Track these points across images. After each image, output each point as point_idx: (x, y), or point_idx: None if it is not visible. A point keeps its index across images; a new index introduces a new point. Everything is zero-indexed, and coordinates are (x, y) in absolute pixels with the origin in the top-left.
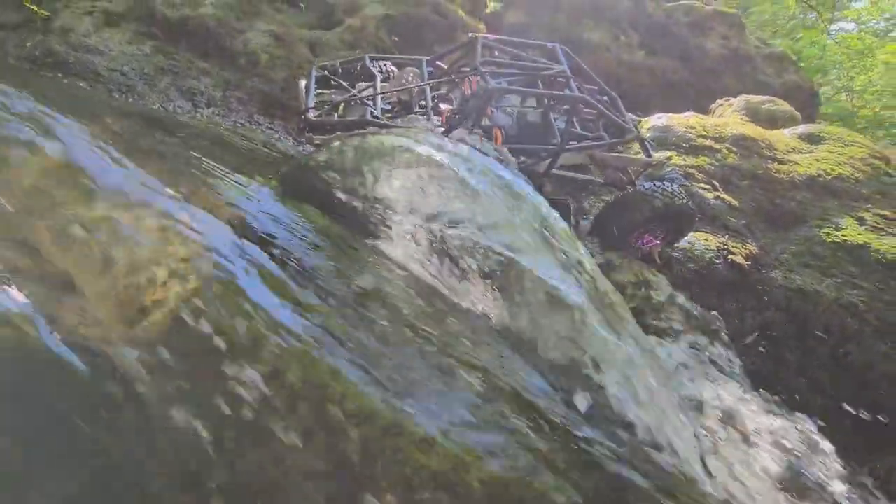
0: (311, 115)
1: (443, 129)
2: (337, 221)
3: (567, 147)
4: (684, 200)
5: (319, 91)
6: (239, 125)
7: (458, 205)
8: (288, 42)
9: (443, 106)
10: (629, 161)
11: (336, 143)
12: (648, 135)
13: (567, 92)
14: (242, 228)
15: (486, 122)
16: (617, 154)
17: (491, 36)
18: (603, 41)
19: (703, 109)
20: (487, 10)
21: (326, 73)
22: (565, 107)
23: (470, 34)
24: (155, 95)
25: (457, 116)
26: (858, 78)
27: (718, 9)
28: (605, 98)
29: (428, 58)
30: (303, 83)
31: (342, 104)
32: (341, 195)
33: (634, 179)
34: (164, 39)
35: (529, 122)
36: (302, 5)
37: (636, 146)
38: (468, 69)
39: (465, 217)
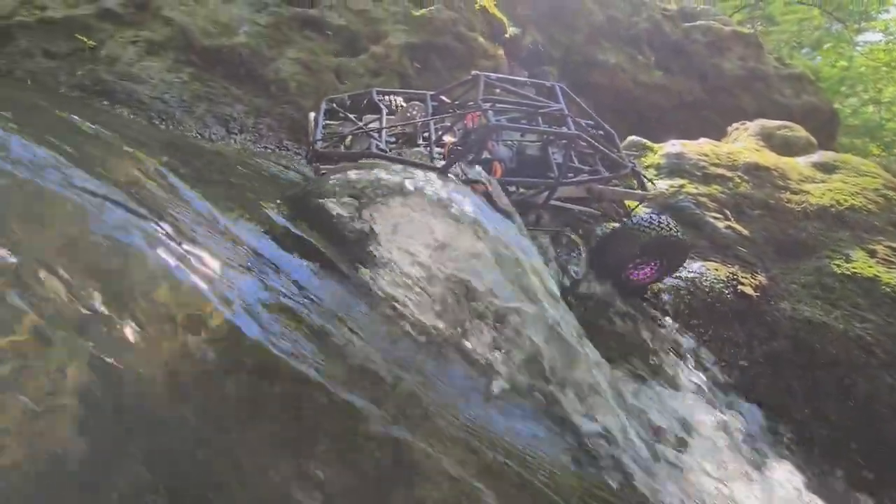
0: (319, 146)
1: (444, 161)
2: (331, 244)
3: (564, 181)
4: (677, 232)
5: (328, 123)
6: (269, 150)
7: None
8: (315, 70)
9: (446, 138)
10: (625, 194)
11: (338, 175)
12: (662, 161)
13: (564, 129)
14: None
15: (486, 155)
16: (613, 187)
17: (493, 74)
18: (619, 61)
19: (720, 130)
20: (507, 35)
21: (335, 106)
22: (563, 141)
23: (473, 72)
24: (192, 122)
25: (458, 149)
26: (886, 90)
27: (737, 29)
28: (601, 133)
29: (432, 92)
30: (312, 115)
31: (349, 136)
32: (335, 221)
33: (630, 212)
34: (200, 67)
35: (529, 155)
36: (329, 33)
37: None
38: (471, 104)
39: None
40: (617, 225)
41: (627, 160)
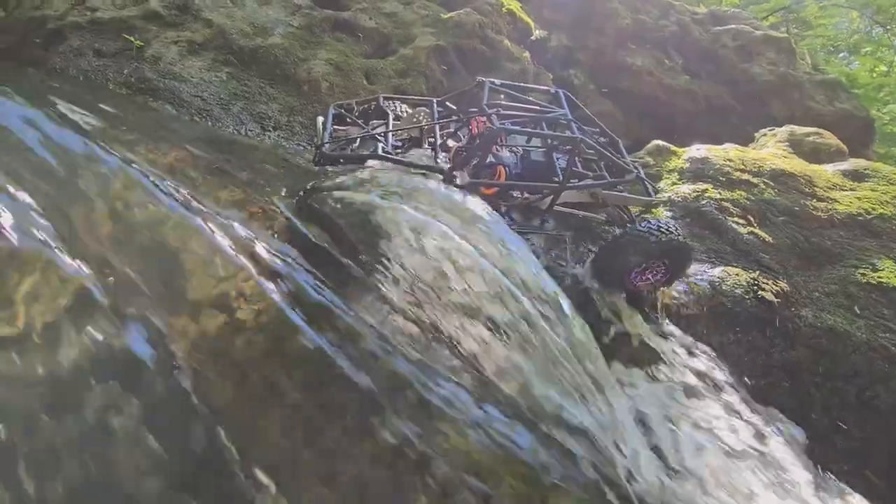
0: (326, 148)
1: (450, 164)
2: (330, 236)
3: (568, 185)
4: (679, 237)
5: (336, 127)
6: (301, 146)
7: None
8: (346, 70)
9: (451, 143)
10: (630, 200)
11: (341, 176)
12: (686, 166)
13: (567, 133)
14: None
15: (490, 159)
16: (618, 193)
17: (497, 81)
18: (645, 65)
19: (748, 136)
20: (533, 38)
21: (343, 111)
22: (567, 147)
23: (478, 78)
24: (229, 119)
25: (463, 153)
26: None
27: (768, 33)
28: (606, 139)
29: (439, 98)
30: (320, 120)
31: (356, 140)
32: (337, 220)
33: (635, 218)
34: (238, 66)
35: (533, 160)
36: (360, 35)
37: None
38: (474, 109)
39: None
40: (621, 230)
41: (632, 166)
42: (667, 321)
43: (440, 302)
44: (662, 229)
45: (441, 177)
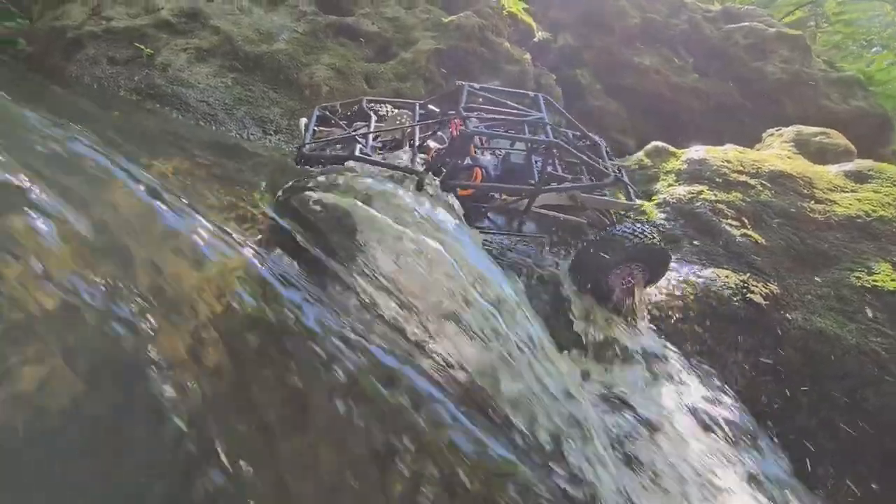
0: (307, 149)
1: (426, 166)
2: (308, 232)
3: (544, 188)
4: (657, 241)
5: (321, 128)
6: None
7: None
8: (347, 75)
9: (433, 144)
10: (609, 203)
11: (320, 177)
12: (683, 167)
13: (542, 136)
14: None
15: (468, 161)
16: (597, 196)
17: (476, 84)
18: (653, 64)
19: (759, 135)
20: (535, 39)
21: (328, 112)
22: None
23: (457, 82)
24: (233, 123)
25: (441, 155)
26: None
27: (782, 31)
28: (587, 143)
29: (421, 101)
30: (303, 121)
31: (337, 141)
32: (314, 219)
33: (615, 221)
34: (242, 72)
35: (513, 163)
36: (362, 40)
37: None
38: (452, 112)
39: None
40: (598, 233)
41: (613, 170)
42: (645, 323)
43: (406, 297)
44: (638, 233)
45: (415, 179)
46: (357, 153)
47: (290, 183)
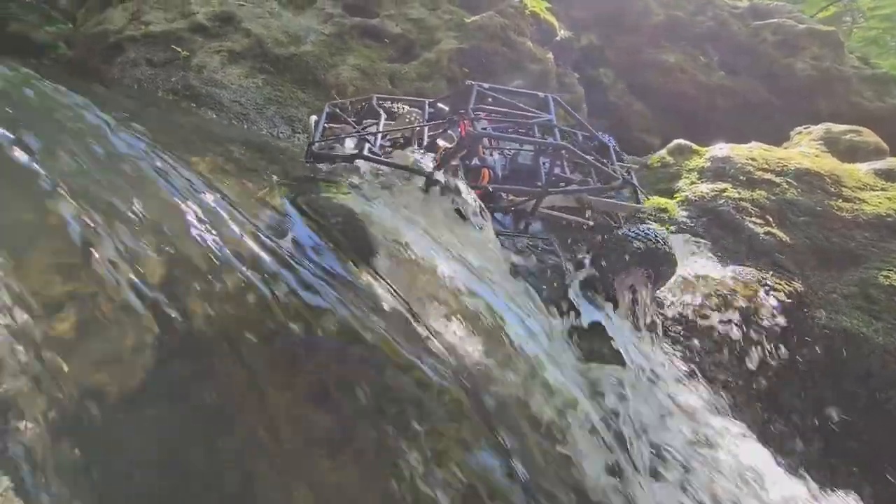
0: (316, 147)
1: (436, 164)
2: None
3: (550, 191)
4: (662, 243)
5: (330, 126)
6: None
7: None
8: (371, 75)
9: (440, 143)
10: (616, 206)
11: (330, 175)
12: (707, 165)
13: (550, 139)
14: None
15: (476, 162)
16: (605, 199)
17: (486, 85)
18: (678, 62)
19: (789, 134)
20: (557, 38)
21: (338, 110)
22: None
23: (467, 82)
24: (264, 122)
25: (448, 154)
26: None
27: (813, 27)
28: (596, 144)
29: (430, 100)
30: (313, 118)
31: (346, 139)
32: (323, 213)
33: (622, 224)
34: (272, 73)
35: (520, 163)
36: (386, 41)
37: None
38: (462, 113)
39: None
40: (604, 236)
41: (621, 173)
42: (654, 328)
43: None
44: (650, 236)
45: (424, 178)
46: (366, 152)
47: (297, 181)
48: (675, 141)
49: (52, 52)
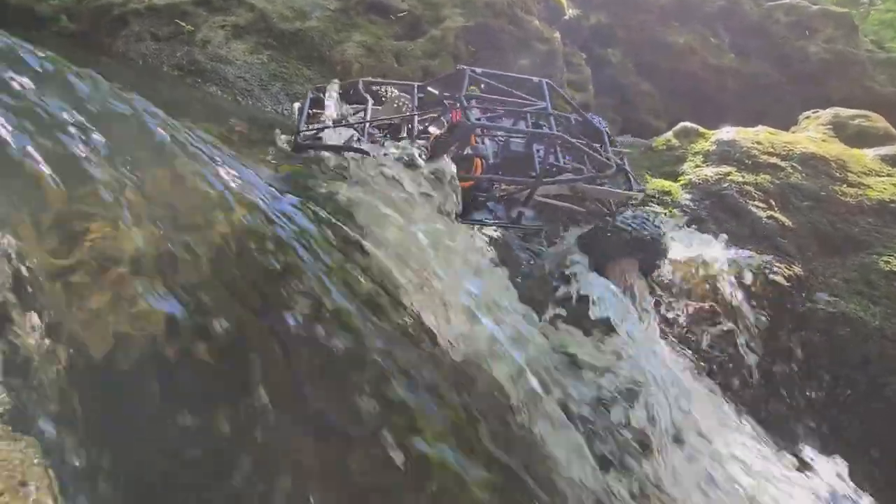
0: (301, 137)
1: (427, 152)
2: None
3: (544, 181)
4: (652, 231)
5: (315, 111)
6: None
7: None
8: (377, 52)
9: (431, 129)
10: (609, 193)
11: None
12: (712, 148)
13: (545, 128)
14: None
15: (468, 151)
16: (598, 186)
17: (478, 69)
18: (689, 43)
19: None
20: (566, 17)
21: (322, 95)
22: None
23: (458, 66)
24: (268, 99)
25: (440, 144)
26: None
27: (827, 8)
28: (590, 131)
29: (420, 84)
30: (297, 105)
31: (332, 126)
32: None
33: (615, 211)
34: (277, 49)
35: (513, 151)
36: (392, 18)
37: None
38: (454, 98)
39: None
40: (597, 223)
41: (615, 160)
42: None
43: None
44: (640, 223)
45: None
46: (352, 141)
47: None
48: (681, 124)
49: (54, 24)
